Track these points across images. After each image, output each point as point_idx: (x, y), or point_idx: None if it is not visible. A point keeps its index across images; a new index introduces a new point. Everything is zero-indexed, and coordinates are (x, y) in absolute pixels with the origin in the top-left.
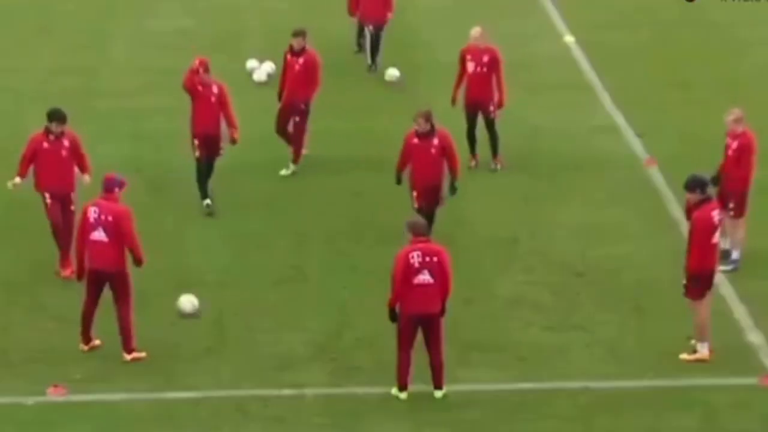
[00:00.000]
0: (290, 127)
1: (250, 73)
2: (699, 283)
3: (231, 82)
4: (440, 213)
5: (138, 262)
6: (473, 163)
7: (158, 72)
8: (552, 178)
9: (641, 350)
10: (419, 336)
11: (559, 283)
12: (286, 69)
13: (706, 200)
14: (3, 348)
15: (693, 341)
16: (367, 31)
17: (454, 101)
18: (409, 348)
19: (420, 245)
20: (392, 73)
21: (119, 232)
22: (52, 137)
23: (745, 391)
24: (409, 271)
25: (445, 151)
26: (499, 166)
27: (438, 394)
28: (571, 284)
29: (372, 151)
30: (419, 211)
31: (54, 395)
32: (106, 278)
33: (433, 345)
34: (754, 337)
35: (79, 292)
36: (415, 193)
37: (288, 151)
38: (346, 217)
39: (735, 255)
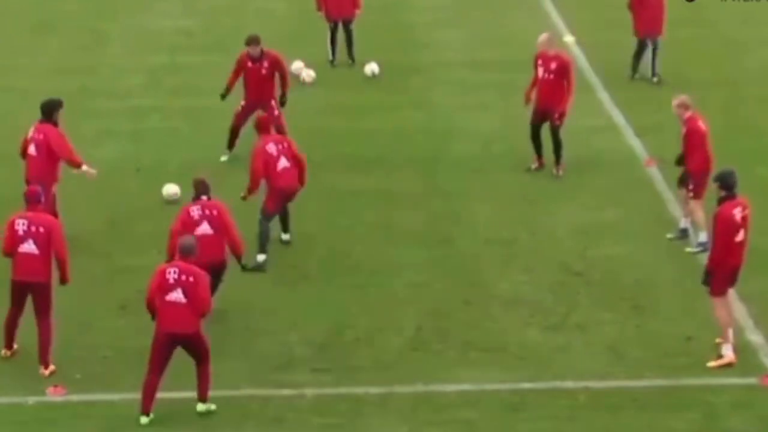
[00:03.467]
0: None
1: None
2: (718, 279)
3: None
4: (440, 213)
5: (64, 276)
6: (535, 165)
7: (158, 72)
8: (552, 178)
9: (641, 350)
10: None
11: (559, 283)
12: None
13: (728, 197)
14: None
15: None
16: (329, 26)
17: (527, 101)
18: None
19: (179, 263)
20: (371, 67)
21: (50, 242)
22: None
23: (745, 391)
24: (163, 287)
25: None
26: (561, 173)
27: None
28: (571, 284)
29: (370, 150)
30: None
31: (54, 395)
32: (31, 289)
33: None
34: (754, 337)
35: (79, 292)
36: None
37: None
38: (346, 217)
39: (702, 237)
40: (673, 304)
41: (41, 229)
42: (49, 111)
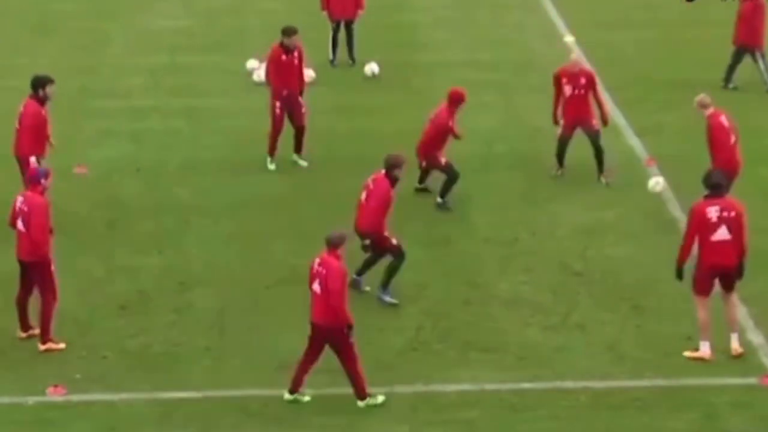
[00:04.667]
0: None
1: (250, 73)
2: (698, 278)
3: (231, 82)
4: (440, 213)
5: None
6: (560, 171)
7: (158, 72)
8: (552, 178)
9: (641, 350)
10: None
11: (559, 282)
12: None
13: (708, 196)
14: (3, 348)
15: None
16: (332, 26)
17: (556, 121)
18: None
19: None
20: (371, 67)
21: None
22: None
23: (745, 391)
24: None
25: None
26: (609, 180)
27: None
28: (571, 284)
29: (371, 150)
30: None
31: (54, 395)
32: (25, 267)
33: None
34: (754, 337)
35: (80, 292)
36: None
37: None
38: (346, 217)
39: None
40: (673, 304)
41: (25, 208)
42: (35, 86)
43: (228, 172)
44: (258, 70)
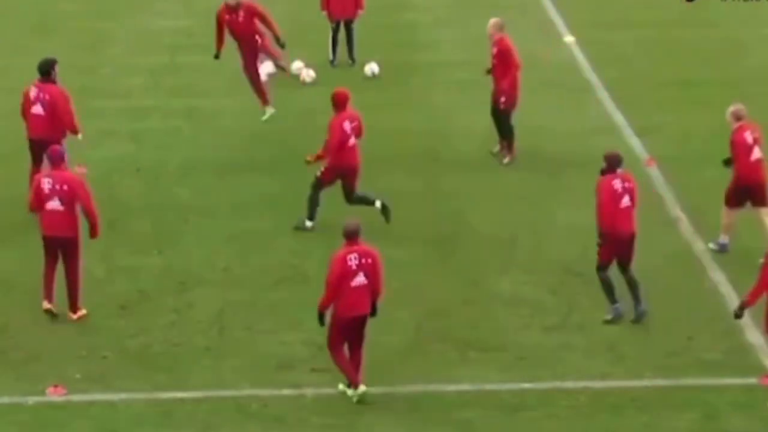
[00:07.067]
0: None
1: None
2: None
3: (231, 81)
4: (440, 213)
5: (93, 229)
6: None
7: (158, 72)
8: (552, 178)
9: (641, 350)
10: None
11: (559, 282)
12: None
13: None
14: (3, 348)
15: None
16: (331, 26)
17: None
18: (342, 348)
19: (356, 248)
20: (371, 67)
21: (75, 199)
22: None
23: (745, 391)
24: (346, 274)
25: None
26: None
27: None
28: (571, 284)
29: (371, 150)
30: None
31: (54, 395)
32: (61, 244)
33: (358, 344)
34: (754, 337)
35: (80, 291)
36: None
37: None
38: (346, 217)
39: (723, 239)
40: (673, 304)
41: (65, 187)
42: (46, 69)
43: (228, 172)
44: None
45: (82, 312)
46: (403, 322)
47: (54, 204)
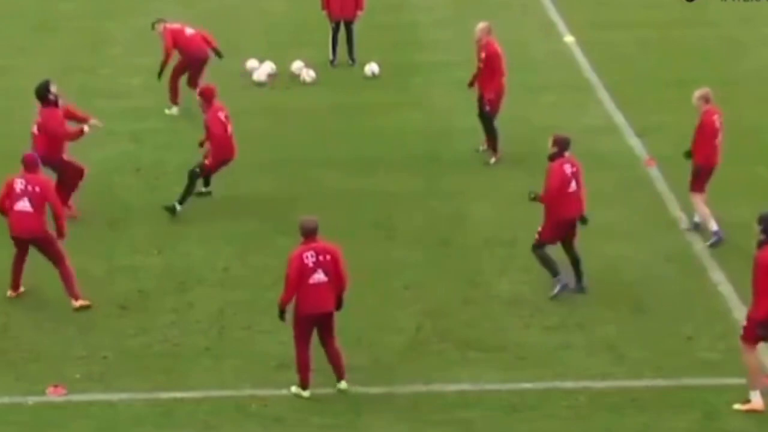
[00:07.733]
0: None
1: (250, 73)
2: (759, 329)
3: (230, 81)
4: (440, 213)
5: (61, 229)
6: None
7: (158, 72)
8: None
9: (641, 350)
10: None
11: None
12: None
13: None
14: (3, 348)
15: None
16: (331, 26)
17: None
18: (307, 346)
19: (313, 245)
20: (371, 67)
21: (45, 201)
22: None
23: (745, 391)
24: (304, 271)
25: None
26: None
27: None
28: (571, 284)
29: (370, 150)
30: None
31: (54, 395)
32: (31, 243)
33: (329, 340)
34: None
35: (80, 291)
36: None
37: None
38: (346, 217)
39: (713, 226)
40: (673, 304)
41: (37, 189)
42: (43, 94)
43: (228, 172)
44: (258, 70)
45: (85, 302)
46: (403, 322)
47: (23, 204)
